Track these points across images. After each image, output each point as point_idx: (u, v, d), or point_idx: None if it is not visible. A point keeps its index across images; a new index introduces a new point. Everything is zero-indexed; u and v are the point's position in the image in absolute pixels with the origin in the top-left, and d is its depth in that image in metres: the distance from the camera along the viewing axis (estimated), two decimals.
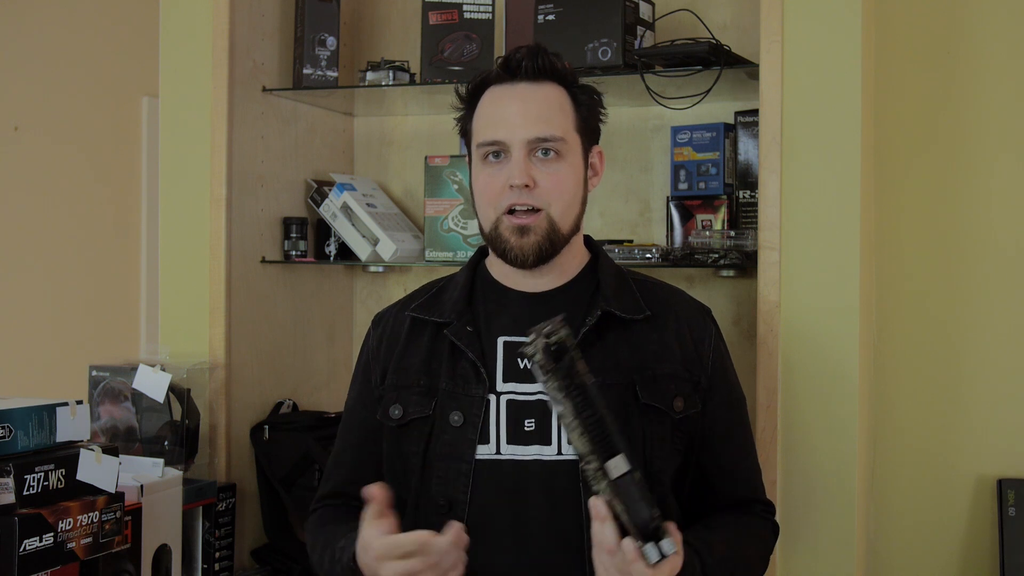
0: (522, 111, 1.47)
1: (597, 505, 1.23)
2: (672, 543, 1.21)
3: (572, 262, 1.54)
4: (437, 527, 1.43)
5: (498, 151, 1.47)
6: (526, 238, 1.45)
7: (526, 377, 1.47)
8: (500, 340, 1.49)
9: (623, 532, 1.22)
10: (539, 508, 1.43)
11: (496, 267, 1.55)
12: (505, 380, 1.47)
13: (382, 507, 1.34)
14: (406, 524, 1.50)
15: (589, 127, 1.53)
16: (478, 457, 1.44)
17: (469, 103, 1.54)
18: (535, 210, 1.45)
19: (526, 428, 1.45)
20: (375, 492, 1.33)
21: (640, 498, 1.22)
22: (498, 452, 1.44)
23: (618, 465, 1.22)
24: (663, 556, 1.20)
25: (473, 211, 1.55)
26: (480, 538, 1.42)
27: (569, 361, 1.24)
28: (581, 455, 1.24)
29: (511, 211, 1.46)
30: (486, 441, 1.45)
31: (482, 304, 1.54)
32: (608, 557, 1.23)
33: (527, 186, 1.44)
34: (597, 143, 1.56)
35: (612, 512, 1.22)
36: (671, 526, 1.23)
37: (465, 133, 1.55)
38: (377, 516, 1.33)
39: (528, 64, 1.48)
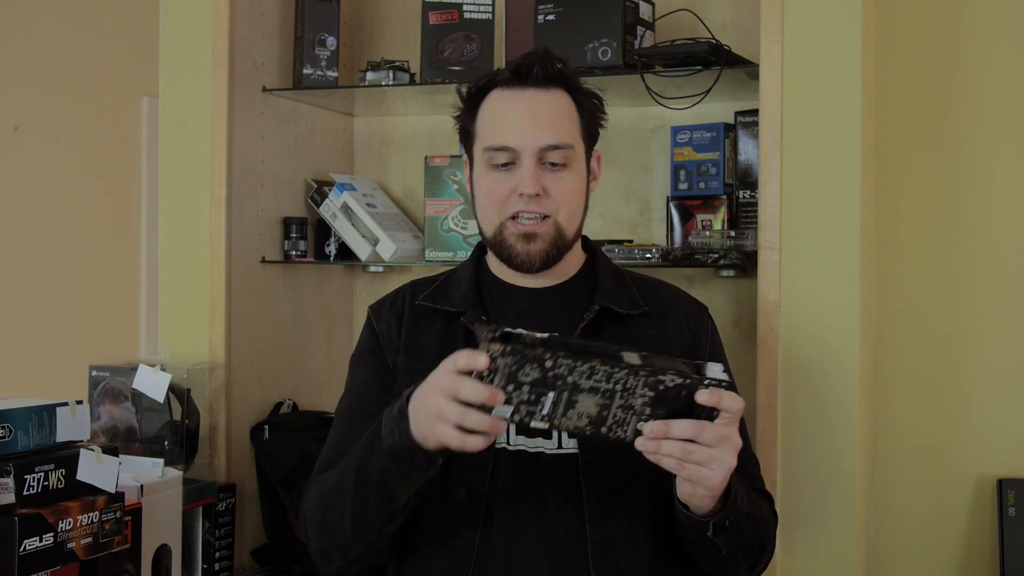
0: (532, 117, 1.45)
1: (652, 426, 1.17)
2: (713, 364, 1.20)
3: (571, 263, 1.54)
4: (453, 516, 1.43)
5: (507, 160, 1.46)
6: (533, 245, 1.45)
7: None
8: None
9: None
10: (548, 499, 1.43)
11: (496, 265, 1.55)
12: None
13: None
14: (417, 511, 1.50)
15: (591, 132, 1.53)
16: (496, 446, 1.44)
17: (471, 104, 1.52)
18: (543, 217, 1.45)
19: None
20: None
21: (669, 357, 1.19)
22: (508, 443, 1.45)
23: (630, 354, 1.17)
24: (723, 379, 1.18)
25: (473, 212, 1.54)
26: (497, 526, 1.43)
27: (519, 334, 1.14)
28: (588, 423, 1.17)
29: (515, 216, 1.45)
30: None
31: (488, 298, 1.54)
32: (707, 434, 1.19)
33: (537, 195, 1.44)
34: (595, 146, 1.56)
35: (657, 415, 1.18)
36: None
37: (466, 134, 1.53)
38: None
39: (539, 70, 1.46)
